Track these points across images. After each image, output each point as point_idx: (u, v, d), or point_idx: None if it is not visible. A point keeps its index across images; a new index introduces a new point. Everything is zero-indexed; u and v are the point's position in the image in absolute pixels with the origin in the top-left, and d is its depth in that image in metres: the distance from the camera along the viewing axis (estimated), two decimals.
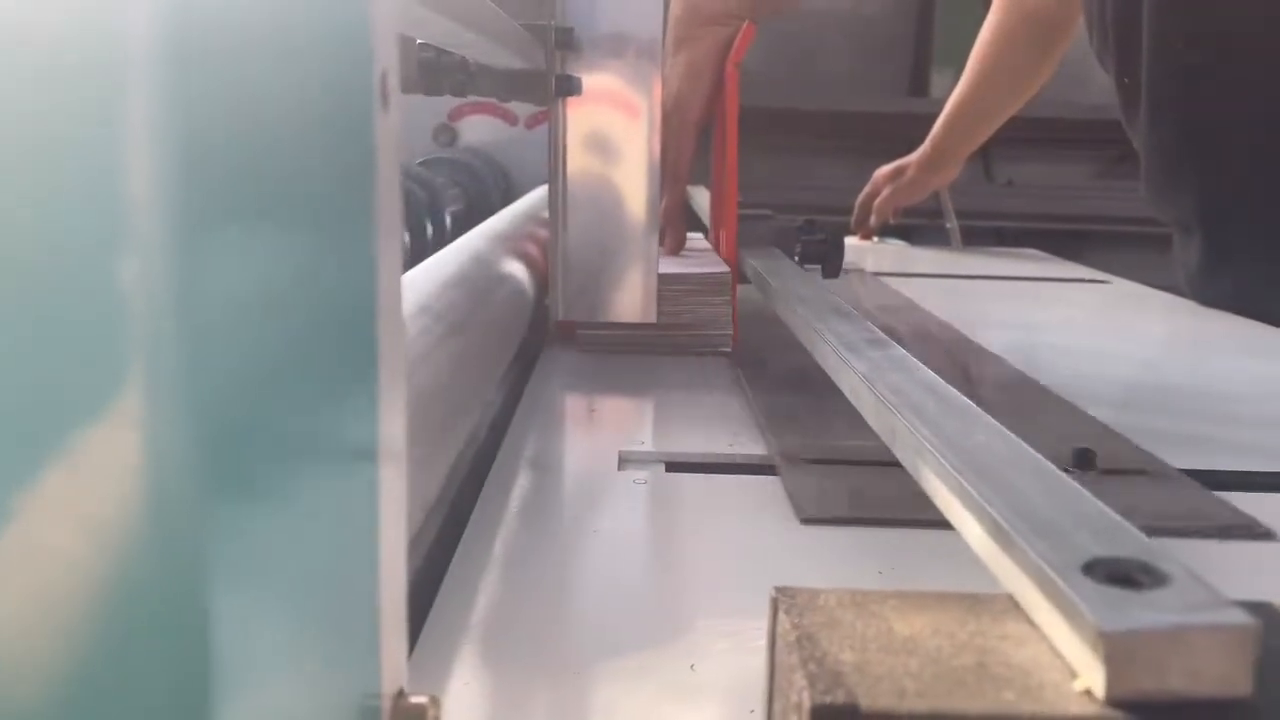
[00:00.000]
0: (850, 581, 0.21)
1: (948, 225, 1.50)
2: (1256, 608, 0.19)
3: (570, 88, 0.55)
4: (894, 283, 0.91)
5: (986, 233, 2.08)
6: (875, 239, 1.22)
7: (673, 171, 0.64)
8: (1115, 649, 0.16)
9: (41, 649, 0.10)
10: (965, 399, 0.29)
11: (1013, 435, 0.25)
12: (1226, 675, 0.16)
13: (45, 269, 0.09)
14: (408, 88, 0.50)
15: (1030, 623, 0.19)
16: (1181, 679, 0.16)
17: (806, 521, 0.35)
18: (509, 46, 0.45)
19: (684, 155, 0.65)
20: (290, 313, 0.13)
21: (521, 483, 0.40)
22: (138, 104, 0.09)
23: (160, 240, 0.09)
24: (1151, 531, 0.32)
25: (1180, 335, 0.77)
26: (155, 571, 0.10)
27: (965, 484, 0.22)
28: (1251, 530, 0.34)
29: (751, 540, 0.35)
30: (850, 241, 1.21)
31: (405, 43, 0.44)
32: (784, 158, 2.42)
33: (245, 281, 0.11)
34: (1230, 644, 0.16)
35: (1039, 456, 0.24)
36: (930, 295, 0.93)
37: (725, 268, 0.59)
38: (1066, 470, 0.37)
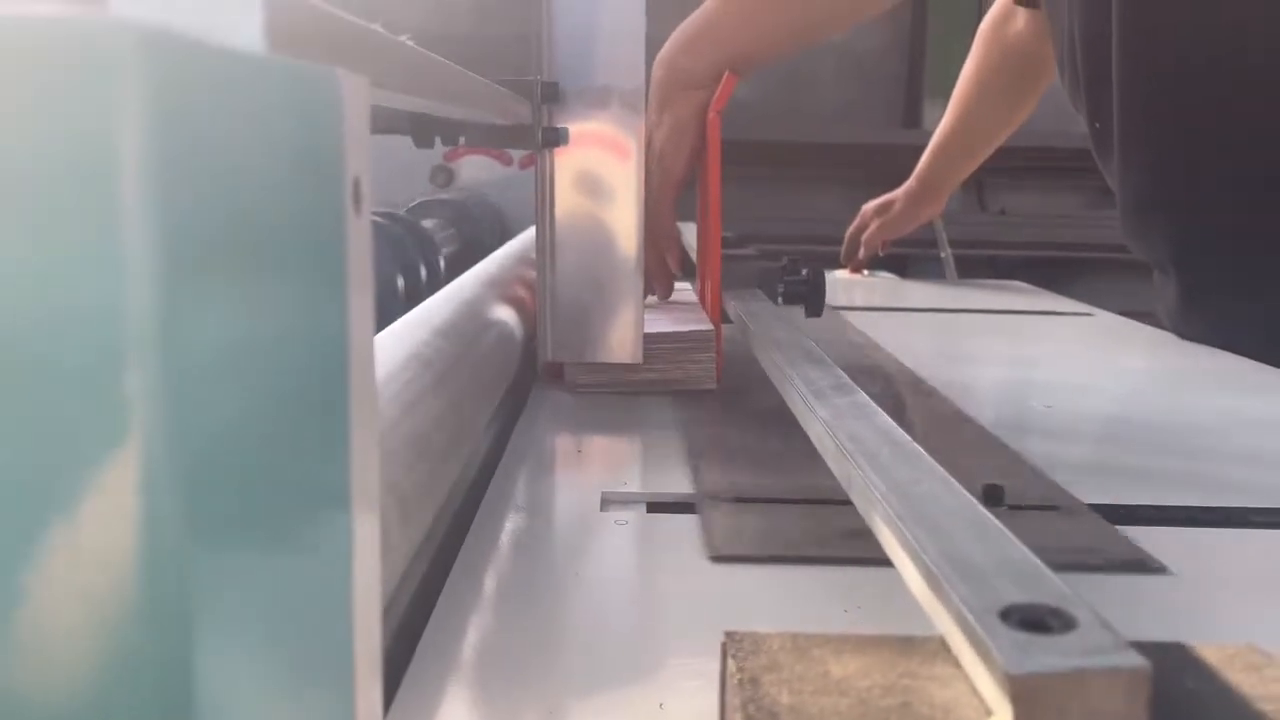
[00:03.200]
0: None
1: (942, 255, 1.53)
2: (1167, 648, 0.21)
3: (556, 139, 0.57)
4: (879, 317, 0.93)
5: (980, 262, 2.11)
6: (865, 272, 1.24)
7: (654, 229, 0.65)
8: (1020, 689, 0.17)
9: (39, 692, 0.11)
10: (918, 447, 0.30)
11: (956, 483, 0.27)
12: (1122, 714, 0.17)
13: (48, 334, 0.11)
14: (399, 131, 0.52)
15: (956, 664, 0.20)
16: (1081, 717, 0.17)
17: (716, 559, 0.36)
18: (494, 107, 0.47)
19: (665, 213, 0.67)
20: (268, 376, 0.14)
21: (509, 523, 0.42)
22: (129, 203, 0.11)
23: (148, 319, 0.11)
24: (1055, 569, 0.34)
25: (1155, 369, 0.79)
26: (145, 619, 0.12)
27: (905, 531, 0.24)
28: (1146, 565, 0.36)
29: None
30: (840, 275, 1.23)
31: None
32: (778, 189, 2.45)
33: (227, 349, 0.13)
34: (1125, 685, 0.17)
35: (977, 505, 0.25)
36: (916, 330, 0.95)
37: (708, 325, 0.61)
38: None
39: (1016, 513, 0.40)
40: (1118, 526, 0.40)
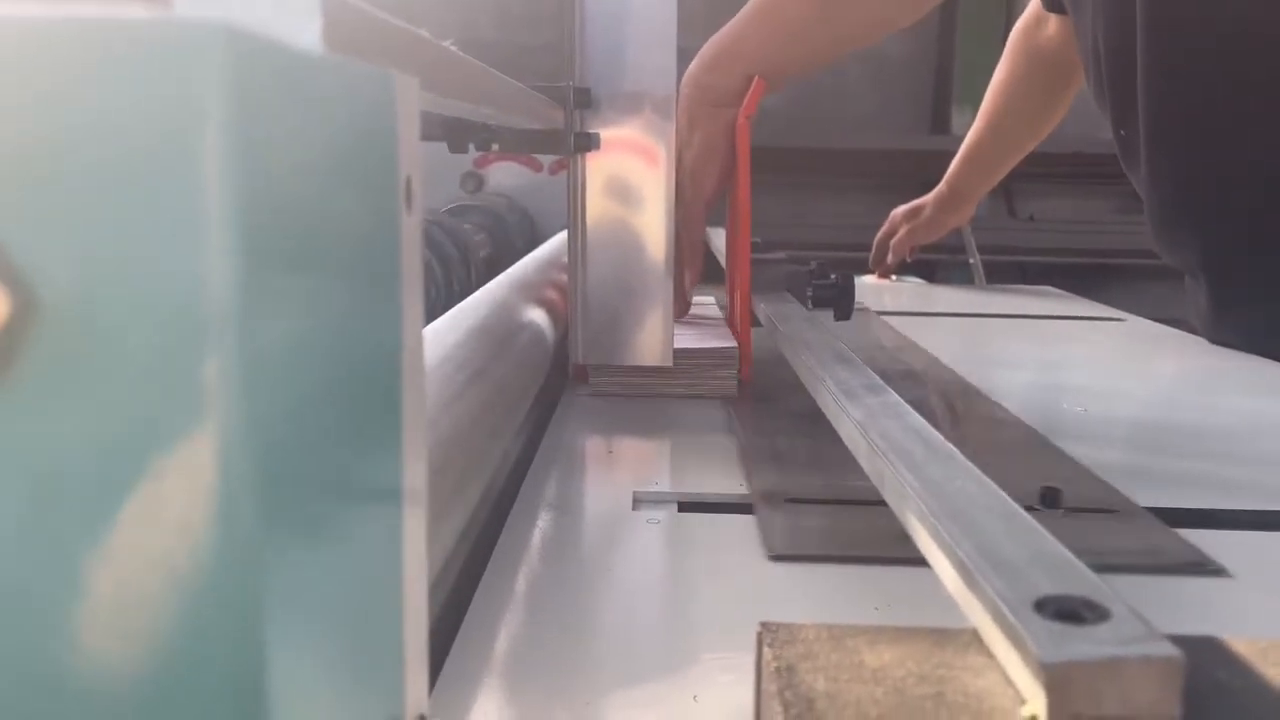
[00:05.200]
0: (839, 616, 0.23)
1: (970, 261, 1.53)
2: (1201, 642, 0.21)
3: (588, 144, 0.58)
4: (907, 322, 0.93)
5: (1009, 268, 2.10)
6: (893, 278, 1.24)
7: (689, 244, 0.66)
8: (1055, 678, 0.18)
9: (122, 669, 0.12)
10: (950, 446, 0.30)
11: (989, 480, 0.27)
12: (1156, 702, 0.18)
13: (133, 312, 0.11)
14: (433, 137, 0.53)
15: (989, 654, 0.20)
16: (1115, 705, 0.18)
17: (775, 559, 0.37)
18: (529, 111, 0.48)
19: (695, 231, 0.67)
20: (329, 366, 0.15)
21: (542, 521, 0.42)
22: (211, 190, 0.11)
23: (227, 302, 0.12)
24: (1110, 569, 0.34)
25: (1188, 373, 0.79)
26: (218, 601, 0.12)
27: (939, 527, 0.24)
28: (1204, 567, 0.36)
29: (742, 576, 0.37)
30: (868, 280, 1.23)
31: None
32: (806, 196, 2.45)
33: (294, 337, 0.13)
34: (1158, 675, 0.18)
35: (1009, 500, 0.25)
36: (946, 334, 0.95)
37: (733, 342, 0.62)
38: (1032, 509, 0.40)
39: (1073, 515, 0.40)
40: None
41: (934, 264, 1.91)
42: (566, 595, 0.36)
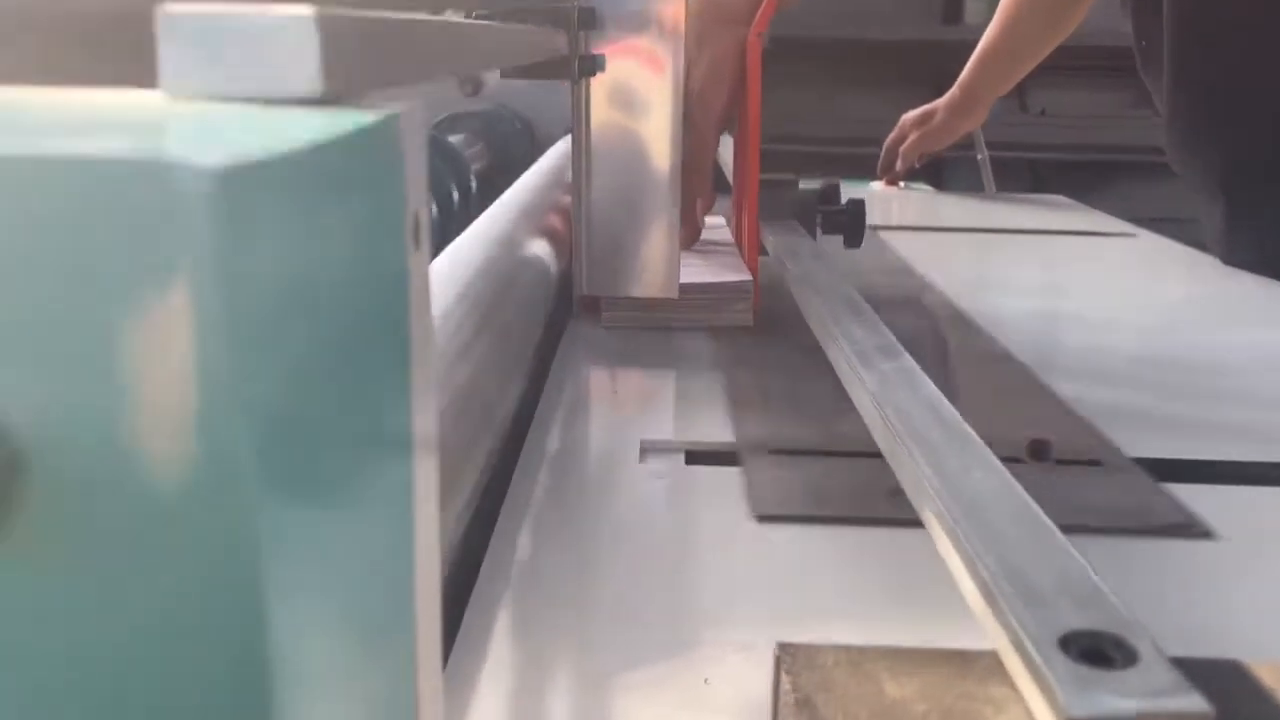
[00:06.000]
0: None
1: (979, 157, 1.50)
2: (1224, 666, 0.21)
3: (593, 68, 0.55)
4: (913, 237, 0.92)
5: (1019, 165, 2.05)
6: (901, 185, 1.22)
7: (698, 170, 0.63)
8: None
9: (118, 643, 0.11)
10: (966, 427, 0.30)
11: (1007, 473, 0.27)
12: None
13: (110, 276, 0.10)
14: None
15: (1013, 685, 0.20)
16: None
17: (762, 519, 0.36)
18: (532, 49, 0.46)
19: (705, 155, 0.65)
20: (333, 316, 0.14)
21: (547, 478, 0.42)
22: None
23: (213, 249, 0.11)
24: (1094, 532, 0.34)
25: (1200, 299, 0.77)
26: (217, 565, 0.11)
27: (960, 536, 0.24)
28: (1190, 530, 0.35)
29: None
30: (875, 188, 1.21)
31: None
32: (814, 89, 2.38)
33: (291, 288, 0.12)
34: None
35: (1030, 500, 0.25)
36: (952, 253, 0.94)
37: (747, 274, 0.61)
38: (1020, 461, 0.39)
39: (1059, 468, 0.40)
40: (1163, 484, 0.39)
41: (942, 163, 1.87)
42: (575, 563, 0.35)
